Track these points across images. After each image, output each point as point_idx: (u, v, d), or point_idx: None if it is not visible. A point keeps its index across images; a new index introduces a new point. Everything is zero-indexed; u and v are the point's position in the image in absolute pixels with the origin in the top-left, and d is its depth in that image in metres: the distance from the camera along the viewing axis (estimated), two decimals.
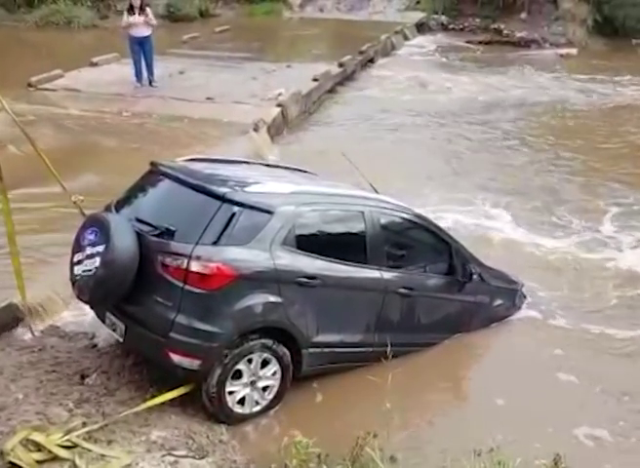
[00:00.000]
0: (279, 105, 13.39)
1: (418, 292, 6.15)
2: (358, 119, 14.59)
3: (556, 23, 24.84)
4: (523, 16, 25.22)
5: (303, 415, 5.39)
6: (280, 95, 13.98)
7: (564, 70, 20.57)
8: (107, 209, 5.52)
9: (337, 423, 5.28)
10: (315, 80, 15.65)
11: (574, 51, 23.36)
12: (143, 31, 13.80)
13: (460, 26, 26.05)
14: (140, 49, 13.95)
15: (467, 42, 24.44)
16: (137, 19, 13.69)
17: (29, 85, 13.81)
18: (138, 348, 5.38)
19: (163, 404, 5.01)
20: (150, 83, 14.32)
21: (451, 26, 26.31)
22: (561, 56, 22.96)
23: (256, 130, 11.91)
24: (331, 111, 15.35)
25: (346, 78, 17.98)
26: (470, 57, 22.32)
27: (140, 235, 4.95)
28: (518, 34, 24.64)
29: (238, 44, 20.31)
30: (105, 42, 19.10)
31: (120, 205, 5.51)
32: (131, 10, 13.70)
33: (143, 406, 4.93)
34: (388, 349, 5.04)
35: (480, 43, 24.29)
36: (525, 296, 7.43)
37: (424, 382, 6.00)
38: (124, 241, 4.87)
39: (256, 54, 18.99)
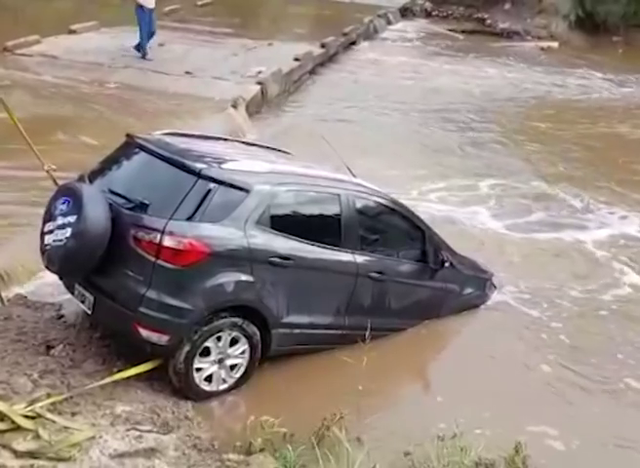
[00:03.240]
0: (259, 83, 13.29)
1: (389, 277, 6.16)
2: (338, 101, 14.55)
3: (539, 16, 24.89)
4: (507, 7, 25.23)
5: (272, 395, 5.39)
6: (260, 72, 13.86)
7: (544, 63, 20.65)
8: (81, 179, 5.43)
9: (305, 403, 5.29)
10: (297, 60, 15.54)
11: (555, 44, 23.45)
12: (152, 3, 14.07)
13: (444, 14, 25.98)
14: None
15: (450, 30, 24.40)
16: None
17: (5, 49, 13.54)
18: (106, 321, 5.32)
19: (129, 378, 4.98)
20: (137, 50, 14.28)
21: (434, 13, 26.25)
22: (542, 49, 23.04)
23: (234, 107, 11.80)
24: (311, 92, 15.28)
25: (328, 59, 17.90)
26: (452, 45, 22.31)
27: (112, 207, 4.89)
28: (501, 25, 24.65)
29: (220, 19, 20.07)
30: (85, 10, 18.72)
31: (94, 176, 5.43)
32: None
33: (109, 379, 4.89)
34: (367, 332, 5.06)
35: (463, 32, 24.27)
36: (495, 286, 7.48)
37: (395, 367, 6.02)
38: (96, 212, 4.80)
39: (237, 30, 18.78)
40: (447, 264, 6.60)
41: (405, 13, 26.47)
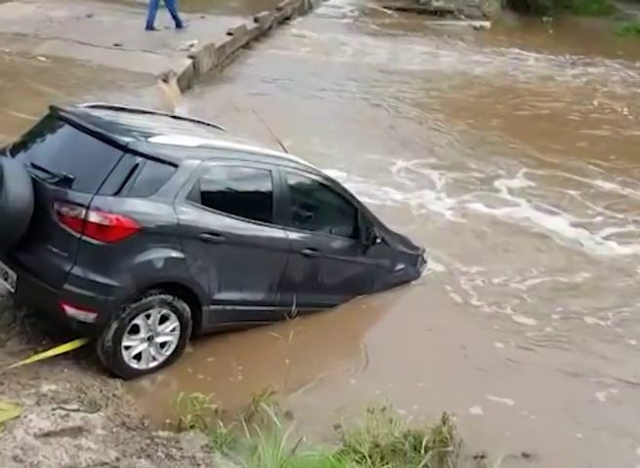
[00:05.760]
0: (191, 57, 13.05)
1: (322, 254, 6.18)
2: (271, 77, 14.41)
3: None
4: None
5: (202, 372, 5.35)
6: (192, 46, 13.60)
7: (475, 43, 20.90)
8: (2, 153, 5.25)
9: (235, 379, 5.29)
10: (230, 34, 15.29)
11: (487, 24, 23.72)
12: None
13: None
14: None
15: (385, 7, 24.40)
16: None
17: None
18: (30, 299, 5.18)
19: (56, 357, 4.87)
20: (180, 25, 14.68)
21: None
22: (475, 28, 23.28)
23: (165, 81, 11.57)
24: (244, 67, 15.10)
25: (262, 34, 17.69)
26: (386, 23, 22.31)
27: (36, 181, 4.74)
28: (435, 4, 24.76)
29: None
30: None
31: (16, 149, 5.26)
32: None
33: (35, 358, 4.78)
34: (293, 307, 5.06)
35: (397, 9, 24.31)
36: (426, 262, 7.58)
37: (325, 341, 6.07)
38: (18, 186, 4.65)
39: None
40: (379, 241, 6.66)
41: None
